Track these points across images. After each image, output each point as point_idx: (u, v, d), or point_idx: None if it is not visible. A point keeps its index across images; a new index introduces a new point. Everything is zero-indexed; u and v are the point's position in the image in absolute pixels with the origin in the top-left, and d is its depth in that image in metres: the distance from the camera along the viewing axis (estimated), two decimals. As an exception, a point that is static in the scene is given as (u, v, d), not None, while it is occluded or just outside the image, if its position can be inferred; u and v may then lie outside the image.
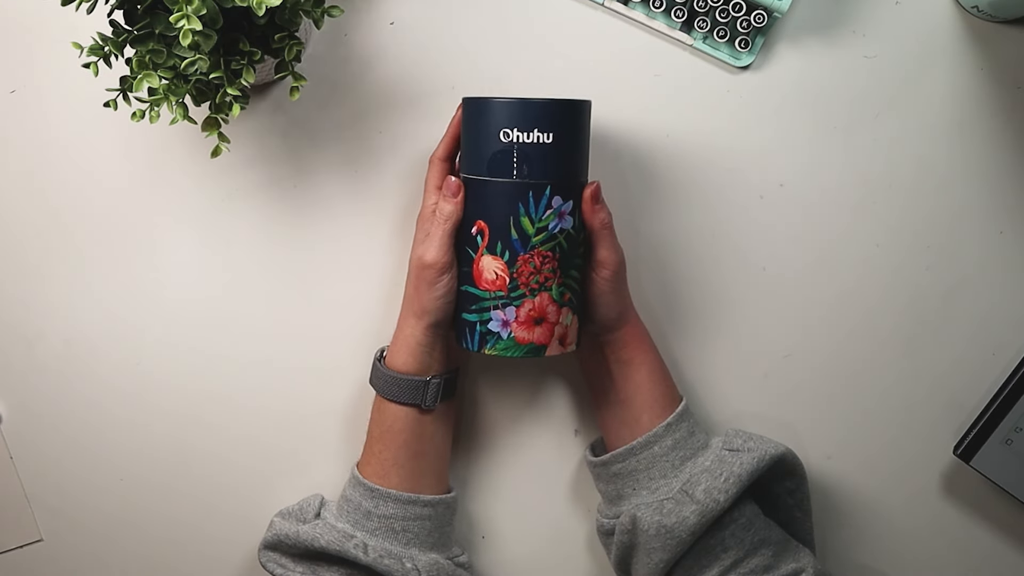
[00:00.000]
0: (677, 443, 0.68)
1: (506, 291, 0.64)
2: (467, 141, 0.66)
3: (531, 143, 0.62)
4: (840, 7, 0.72)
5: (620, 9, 0.73)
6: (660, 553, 0.65)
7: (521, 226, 0.63)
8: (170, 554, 0.79)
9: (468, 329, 0.65)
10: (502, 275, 0.64)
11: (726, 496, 0.64)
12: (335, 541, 0.66)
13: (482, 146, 0.64)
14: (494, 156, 0.63)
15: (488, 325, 0.65)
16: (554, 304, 0.64)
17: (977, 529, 0.76)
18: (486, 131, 0.63)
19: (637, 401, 0.69)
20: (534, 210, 0.63)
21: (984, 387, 0.74)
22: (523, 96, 0.64)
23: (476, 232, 0.64)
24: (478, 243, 0.64)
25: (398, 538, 0.68)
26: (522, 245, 0.63)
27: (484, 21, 0.73)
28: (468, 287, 0.65)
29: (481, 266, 0.64)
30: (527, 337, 0.65)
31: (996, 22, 0.71)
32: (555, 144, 0.63)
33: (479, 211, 0.64)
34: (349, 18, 0.73)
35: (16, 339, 0.77)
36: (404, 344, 0.67)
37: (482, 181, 0.64)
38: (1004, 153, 0.72)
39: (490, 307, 0.64)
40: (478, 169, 0.64)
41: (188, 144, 0.75)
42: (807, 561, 0.67)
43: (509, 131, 0.62)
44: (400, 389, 0.67)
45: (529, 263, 0.63)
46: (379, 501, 0.68)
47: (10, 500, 0.78)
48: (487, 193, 0.64)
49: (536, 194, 0.63)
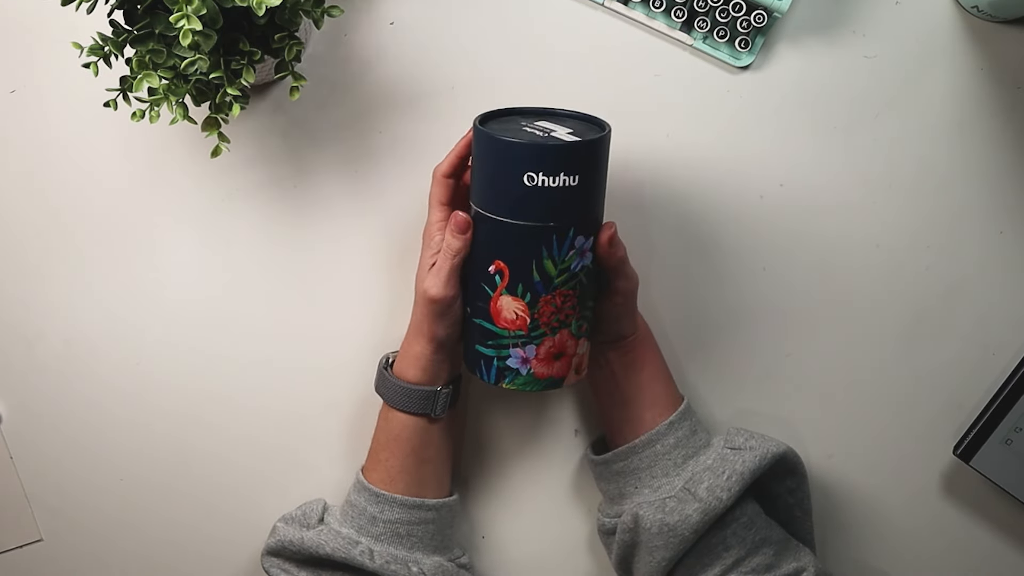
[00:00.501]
0: (679, 441, 0.68)
1: (526, 331, 0.62)
2: (483, 176, 0.62)
3: (557, 187, 0.59)
4: (840, 7, 0.72)
5: (620, 9, 0.73)
6: (662, 551, 0.65)
7: (544, 269, 0.61)
8: (170, 554, 0.79)
9: (484, 362, 0.64)
10: (522, 315, 0.62)
11: (729, 494, 0.64)
12: (340, 548, 0.66)
13: (502, 186, 0.60)
14: (516, 199, 0.59)
15: (507, 361, 0.63)
16: (573, 338, 0.64)
17: (977, 529, 0.76)
18: (507, 172, 0.59)
19: (640, 400, 0.69)
20: (557, 252, 0.61)
21: (984, 387, 0.74)
22: (545, 134, 0.61)
23: (495, 272, 0.61)
24: (496, 282, 0.62)
25: (403, 542, 0.68)
26: (544, 287, 0.61)
27: (484, 21, 0.73)
28: (484, 322, 0.63)
29: (500, 305, 0.62)
30: (546, 372, 0.64)
31: (996, 22, 0.71)
32: (581, 185, 0.60)
33: (497, 251, 0.61)
34: (349, 18, 0.73)
35: (16, 339, 0.77)
36: (414, 360, 0.67)
37: (501, 222, 0.60)
38: (1004, 153, 0.72)
39: (508, 345, 0.63)
40: (496, 209, 0.60)
41: (188, 144, 0.75)
42: (808, 560, 0.67)
43: (534, 175, 0.59)
44: (410, 399, 0.67)
45: (551, 304, 0.62)
46: (384, 506, 0.68)
47: (10, 500, 0.78)
48: (507, 234, 0.61)
49: (560, 237, 0.60)
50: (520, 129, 0.62)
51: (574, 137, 0.61)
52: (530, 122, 0.64)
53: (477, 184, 0.62)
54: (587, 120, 0.65)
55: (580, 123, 0.64)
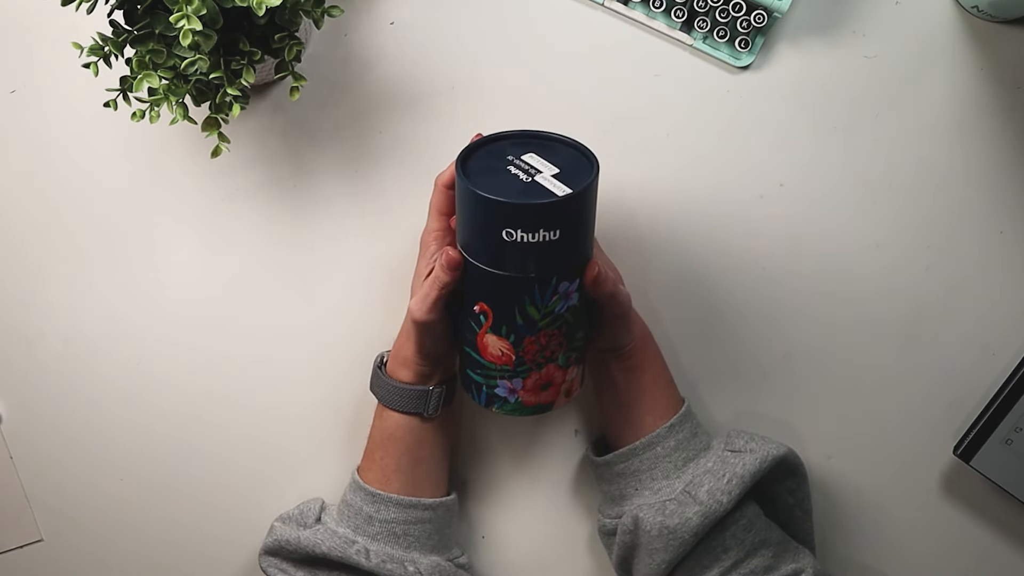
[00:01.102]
0: (680, 444, 0.68)
1: (512, 366, 0.62)
2: (464, 222, 0.60)
3: (536, 242, 0.57)
4: (840, 7, 0.72)
5: (620, 9, 0.73)
6: (662, 554, 0.65)
7: (527, 313, 0.60)
8: (170, 554, 0.79)
9: (474, 387, 0.65)
10: (507, 353, 0.62)
11: (729, 497, 0.64)
12: (336, 547, 0.66)
13: (481, 236, 0.59)
14: (495, 251, 0.58)
15: (495, 390, 0.64)
16: (560, 370, 0.64)
17: (977, 529, 0.76)
18: (485, 225, 0.58)
19: (641, 404, 0.69)
20: (540, 300, 0.60)
21: (984, 387, 0.74)
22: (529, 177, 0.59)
23: (479, 311, 0.61)
24: (481, 321, 0.61)
25: (399, 542, 0.68)
26: (527, 330, 0.61)
27: (484, 21, 0.73)
28: (473, 353, 0.63)
29: (486, 341, 0.62)
30: (534, 400, 0.64)
31: (996, 22, 0.71)
32: (562, 238, 0.58)
33: (481, 295, 0.61)
34: (349, 18, 0.73)
35: (16, 339, 0.77)
36: (405, 362, 0.67)
37: (483, 270, 0.59)
38: (1004, 153, 0.72)
39: (496, 377, 0.63)
40: (477, 256, 0.60)
41: (188, 144, 0.75)
42: (807, 562, 0.67)
43: (513, 232, 0.57)
44: (403, 398, 0.68)
45: (535, 343, 0.62)
46: (380, 506, 0.68)
47: (10, 500, 0.78)
48: (489, 281, 0.60)
49: (542, 286, 0.59)
50: (504, 170, 0.60)
51: (558, 183, 0.59)
52: (517, 155, 0.61)
53: (460, 227, 0.61)
54: (577, 149, 0.62)
55: (570, 153, 0.62)
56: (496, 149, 0.62)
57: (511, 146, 0.62)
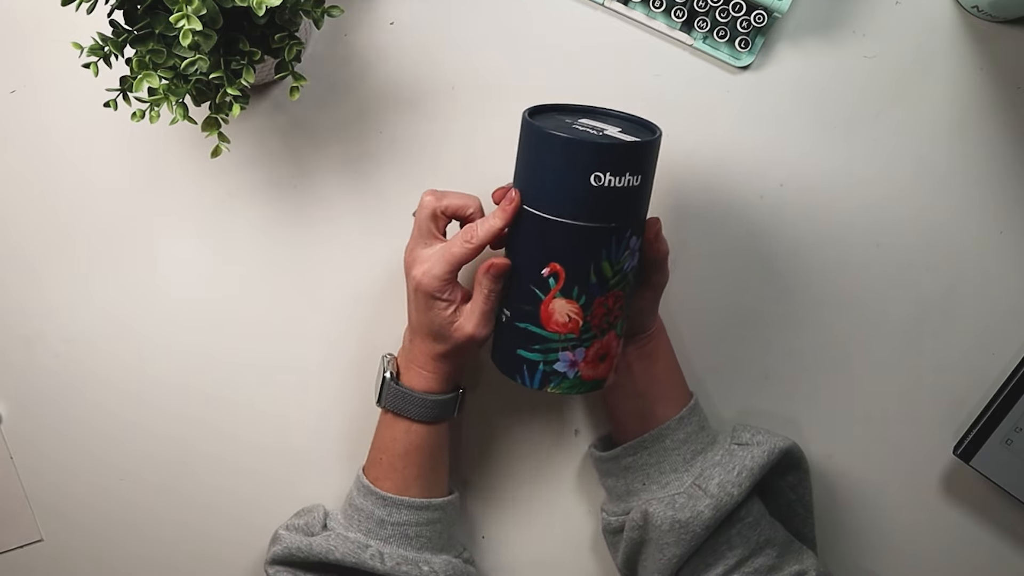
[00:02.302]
0: (688, 437, 0.68)
1: (578, 333, 0.61)
2: (540, 176, 0.59)
3: (623, 187, 0.58)
4: (840, 7, 0.72)
5: (620, 9, 0.73)
6: (673, 548, 0.65)
7: (602, 271, 0.59)
8: (170, 554, 0.79)
9: (527, 367, 0.62)
10: (575, 318, 0.60)
11: (740, 489, 0.65)
12: (351, 552, 0.66)
13: (564, 186, 0.58)
14: (579, 200, 0.58)
15: (554, 366, 0.61)
16: (617, 339, 0.63)
17: (977, 529, 0.76)
18: (571, 172, 0.57)
19: (653, 393, 0.69)
20: (615, 254, 0.59)
21: (984, 387, 0.74)
22: (600, 133, 0.59)
23: (549, 274, 0.60)
24: (550, 285, 0.60)
25: (412, 543, 0.68)
26: (600, 289, 0.60)
27: (484, 21, 0.73)
28: (532, 326, 0.61)
29: (552, 308, 0.60)
30: (592, 374, 0.62)
31: (996, 22, 0.71)
32: (642, 185, 0.59)
33: (554, 253, 0.59)
34: (349, 18, 0.73)
35: (16, 339, 0.77)
36: (446, 377, 0.67)
37: (560, 223, 0.58)
38: (1004, 153, 0.72)
39: (558, 348, 0.61)
40: (556, 210, 0.58)
41: (188, 144, 0.75)
42: (810, 563, 0.67)
43: (601, 175, 0.57)
44: (434, 409, 0.67)
45: (603, 305, 0.60)
46: (393, 509, 0.68)
47: (10, 500, 0.78)
48: (567, 236, 0.59)
49: (618, 238, 0.59)
50: (572, 127, 0.60)
51: (630, 137, 0.59)
52: (575, 119, 0.62)
53: (531, 184, 0.60)
54: (630, 120, 0.63)
55: (625, 123, 0.63)
56: (551, 116, 0.63)
57: (566, 114, 0.63)
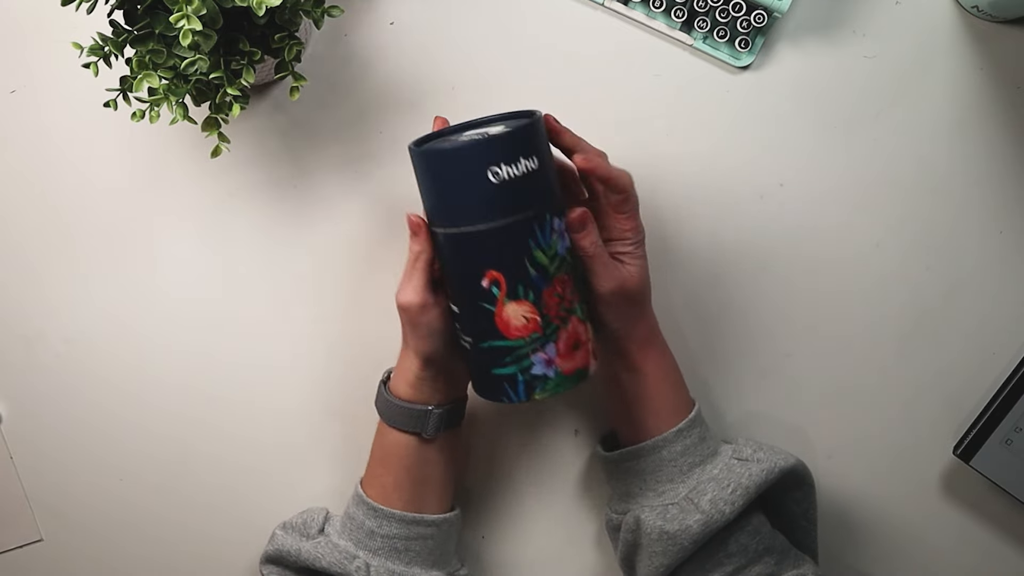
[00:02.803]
0: (687, 449, 0.67)
1: (541, 330, 0.59)
2: (441, 194, 0.59)
3: (523, 174, 0.57)
4: (840, 7, 0.72)
5: (620, 9, 0.73)
6: (661, 558, 0.65)
7: (537, 261, 0.58)
8: (170, 554, 0.79)
9: (507, 384, 0.61)
10: (532, 316, 0.59)
11: (732, 508, 0.64)
12: (337, 563, 0.66)
13: (467, 194, 0.58)
14: (487, 201, 0.57)
15: (532, 371, 0.60)
16: (582, 323, 0.61)
17: (977, 529, 0.76)
18: (468, 178, 0.57)
19: (643, 406, 0.68)
20: (543, 240, 0.58)
21: (984, 387, 0.74)
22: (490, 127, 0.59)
23: (489, 284, 0.59)
24: (495, 294, 0.59)
25: (401, 557, 0.67)
26: (543, 280, 0.59)
27: (484, 21, 0.73)
28: (495, 342, 0.60)
29: (506, 316, 0.59)
30: (572, 366, 0.61)
31: (996, 22, 0.71)
32: (541, 166, 0.58)
33: (486, 262, 0.58)
34: (349, 18, 0.73)
35: (16, 339, 0.77)
36: (403, 375, 0.66)
37: (479, 231, 0.58)
38: (1004, 153, 0.72)
39: (528, 353, 0.60)
40: (468, 220, 0.58)
41: (188, 144, 0.75)
42: (808, 568, 0.66)
43: (498, 169, 0.56)
44: (401, 416, 0.66)
45: (553, 294, 0.59)
46: (382, 521, 0.67)
47: (10, 500, 0.78)
48: (490, 241, 0.58)
49: (540, 224, 0.58)
50: (456, 141, 0.59)
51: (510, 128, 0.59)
52: (459, 135, 0.61)
53: (437, 205, 0.60)
54: (510, 116, 0.62)
55: (506, 120, 0.62)
56: (436, 141, 0.62)
57: (449, 135, 0.62)
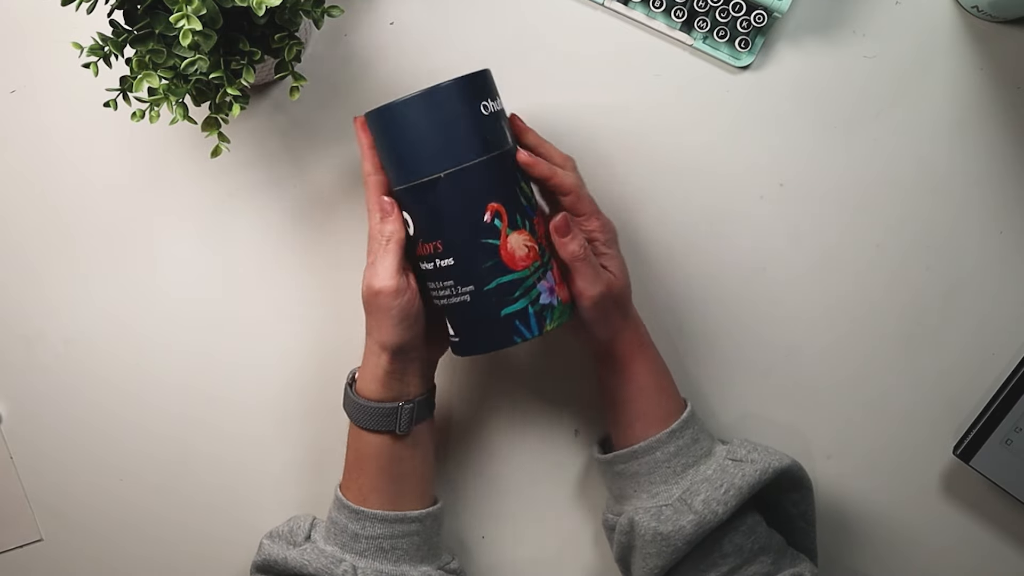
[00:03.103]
0: (680, 450, 0.67)
1: (540, 259, 0.62)
2: (433, 137, 0.60)
3: (499, 110, 0.62)
4: (840, 7, 0.72)
5: (620, 9, 0.73)
6: (655, 559, 0.65)
7: (523, 191, 0.62)
8: (170, 554, 0.79)
9: (519, 320, 0.61)
10: (531, 245, 0.62)
11: (725, 508, 0.64)
12: (324, 568, 0.65)
13: (467, 129, 0.60)
14: (483, 132, 0.61)
15: (540, 301, 0.62)
16: (556, 255, 0.64)
17: (977, 529, 0.76)
18: (463, 112, 0.60)
19: (630, 409, 0.68)
20: (521, 173, 0.63)
21: (984, 387, 0.74)
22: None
23: (492, 216, 0.60)
24: (498, 226, 0.61)
25: (388, 557, 0.67)
26: (531, 209, 0.62)
27: (484, 21, 0.73)
28: (503, 277, 0.61)
29: (511, 246, 0.61)
30: (567, 294, 0.63)
31: (996, 22, 0.71)
32: (503, 109, 0.64)
33: (486, 195, 0.60)
34: (349, 18, 0.73)
35: (16, 339, 0.77)
36: (372, 373, 0.65)
37: (476, 165, 0.60)
38: (1004, 153, 0.72)
39: (534, 282, 0.61)
40: (470, 154, 0.60)
41: (188, 144, 0.75)
42: (805, 567, 0.66)
43: (488, 103, 0.61)
44: (372, 417, 0.65)
45: (540, 224, 0.63)
46: (365, 522, 0.67)
47: (10, 500, 0.78)
48: (487, 173, 0.61)
49: (514, 158, 0.63)
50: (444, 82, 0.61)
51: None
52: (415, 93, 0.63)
53: (428, 151, 0.61)
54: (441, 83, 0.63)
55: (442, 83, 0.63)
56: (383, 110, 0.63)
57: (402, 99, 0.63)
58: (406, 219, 0.63)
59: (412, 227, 0.63)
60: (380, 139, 0.63)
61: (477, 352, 0.64)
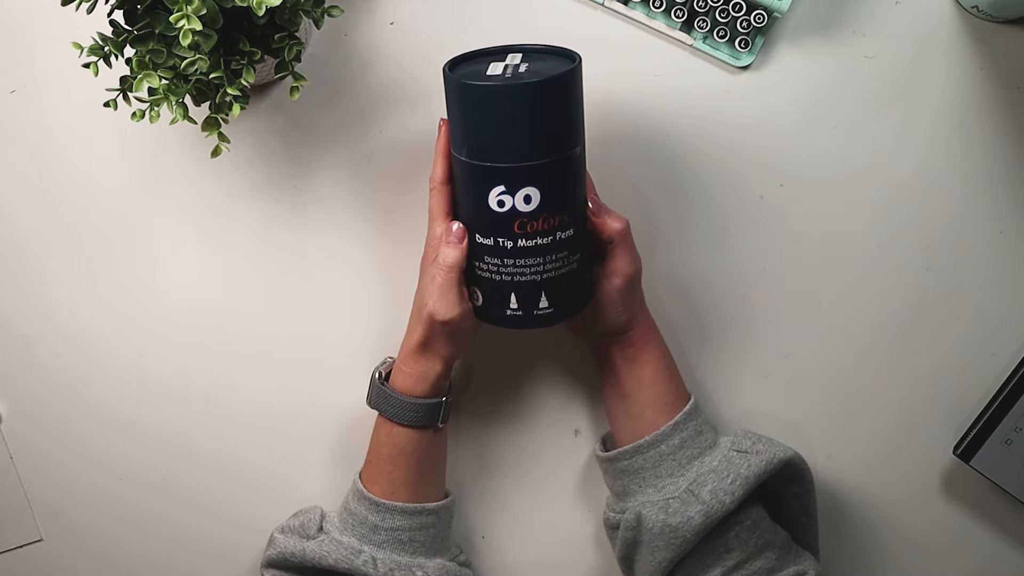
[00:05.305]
0: (684, 442, 0.67)
1: None
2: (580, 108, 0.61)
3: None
4: (840, 7, 0.72)
5: (620, 9, 0.73)
6: (663, 552, 0.65)
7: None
8: (170, 554, 0.79)
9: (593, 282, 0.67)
10: None
11: (732, 498, 0.64)
12: (344, 559, 0.66)
13: (572, 120, 0.61)
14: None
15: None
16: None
17: (977, 529, 0.76)
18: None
19: (641, 397, 0.69)
20: None
21: (984, 387, 0.74)
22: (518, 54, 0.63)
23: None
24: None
25: (405, 548, 0.68)
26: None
27: (484, 21, 0.73)
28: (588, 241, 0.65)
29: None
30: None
31: (996, 22, 0.71)
32: None
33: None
34: (349, 18, 0.73)
35: (16, 339, 0.77)
36: (423, 376, 0.67)
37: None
38: (1004, 153, 0.72)
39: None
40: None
41: (188, 144, 0.75)
42: (809, 564, 0.66)
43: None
44: (417, 413, 0.67)
45: None
46: (386, 515, 0.68)
47: (10, 500, 0.78)
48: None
49: None
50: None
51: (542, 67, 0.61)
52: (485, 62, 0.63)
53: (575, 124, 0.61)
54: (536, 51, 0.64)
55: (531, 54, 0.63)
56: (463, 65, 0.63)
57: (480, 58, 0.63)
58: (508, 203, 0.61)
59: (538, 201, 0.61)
60: (526, 111, 0.59)
61: (573, 314, 0.66)
